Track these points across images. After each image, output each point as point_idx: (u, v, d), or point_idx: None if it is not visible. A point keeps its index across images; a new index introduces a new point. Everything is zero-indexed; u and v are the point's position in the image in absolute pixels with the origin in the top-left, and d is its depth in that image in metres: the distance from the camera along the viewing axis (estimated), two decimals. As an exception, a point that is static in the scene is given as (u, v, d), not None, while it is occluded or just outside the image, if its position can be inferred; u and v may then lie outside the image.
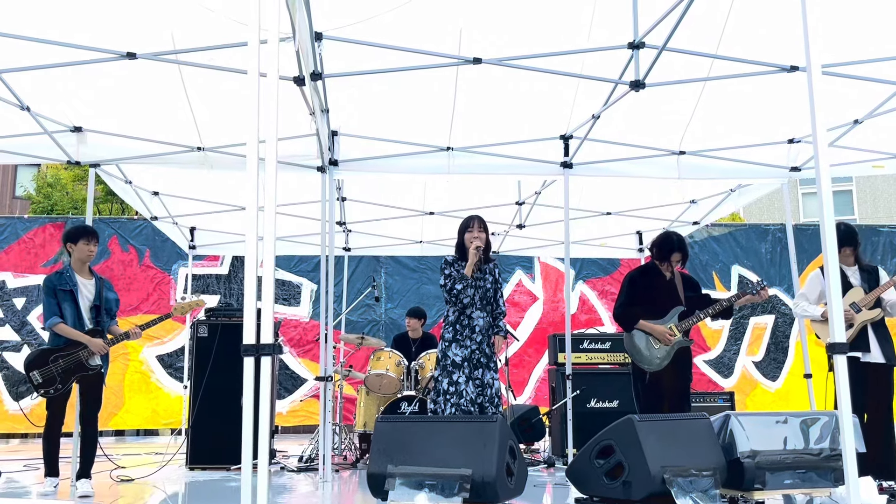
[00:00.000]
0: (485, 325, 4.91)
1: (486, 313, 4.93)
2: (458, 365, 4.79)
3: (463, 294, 4.84)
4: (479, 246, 4.86)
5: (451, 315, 4.93)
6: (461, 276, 4.85)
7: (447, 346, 4.88)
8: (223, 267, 10.58)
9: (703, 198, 7.95)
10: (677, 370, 5.08)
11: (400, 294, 10.76)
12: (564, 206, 6.29)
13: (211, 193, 7.47)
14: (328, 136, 5.70)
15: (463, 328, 4.88)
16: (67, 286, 4.98)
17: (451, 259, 5.01)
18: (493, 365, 4.89)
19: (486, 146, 6.13)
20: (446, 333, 4.93)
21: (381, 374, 6.81)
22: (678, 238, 5.22)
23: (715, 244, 11.24)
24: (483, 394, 4.78)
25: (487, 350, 4.88)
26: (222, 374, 6.14)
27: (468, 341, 4.84)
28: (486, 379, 4.82)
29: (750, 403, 10.73)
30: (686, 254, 5.18)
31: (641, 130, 6.02)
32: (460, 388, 4.73)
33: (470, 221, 5.00)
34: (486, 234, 4.98)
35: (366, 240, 8.88)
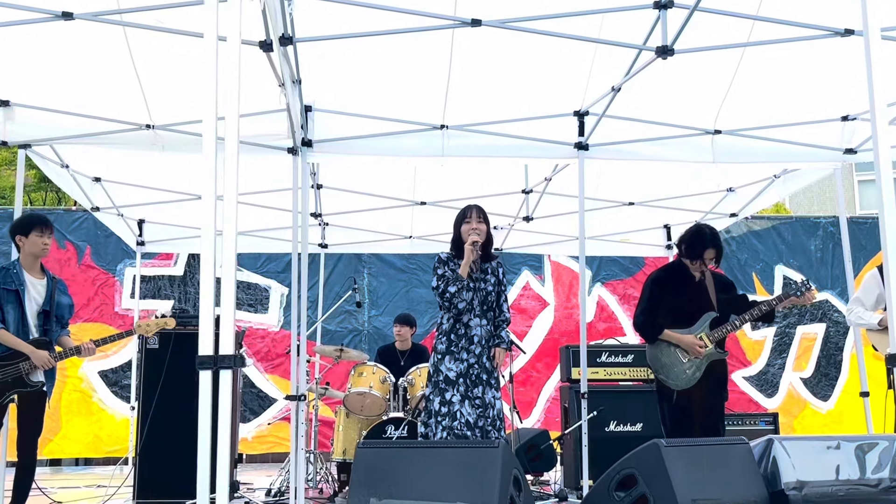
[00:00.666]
0: (484, 335, 4.90)
1: (486, 321, 4.93)
2: (452, 381, 4.79)
3: (457, 298, 4.83)
4: (476, 241, 4.86)
5: (446, 323, 4.92)
6: (456, 277, 4.84)
7: (440, 360, 4.87)
8: (177, 266, 10.57)
9: (743, 185, 7.95)
10: (710, 387, 5.10)
11: (386, 299, 10.76)
12: (579, 194, 6.29)
13: (162, 180, 7.45)
14: (301, 112, 5.69)
15: (459, 338, 4.87)
16: (13, 285, 4.94)
17: (446, 257, 5.00)
18: (494, 381, 4.89)
19: (487, 124, 6.12)
20: (439, 344, 4.92)
21: (364, 392, 6.80)
22: (711, 232, 5.23)
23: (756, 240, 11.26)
24: (485, 415, 4.78)
25: (488, 364, 4.88)
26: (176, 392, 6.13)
27: (465, 354, 4.84)
28: (488, 398, 4.82)
29: (797, 426, 10.77)
30: (721, 250, 5.19)
31: (669, 106, 6.02)
32: (454, 408, 4.73)
33: (467, 211, 5.00)
34: (486, 226, 4.98)
35: (345, 235, 8.86)
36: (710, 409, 5.08)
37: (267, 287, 10.68)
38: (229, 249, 2.69)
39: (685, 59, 5.16)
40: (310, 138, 5.92)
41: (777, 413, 7.95)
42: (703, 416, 5.06)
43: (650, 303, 5.25)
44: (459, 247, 4.99)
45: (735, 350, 10.64)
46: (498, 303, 5.03)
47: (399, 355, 7.84)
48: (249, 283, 10.63)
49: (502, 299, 5.06)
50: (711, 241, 5.16)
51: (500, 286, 5.06)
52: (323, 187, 7.71)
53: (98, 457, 10.25)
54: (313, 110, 5.89)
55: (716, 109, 6.07)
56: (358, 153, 6.14)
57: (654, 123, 6.17)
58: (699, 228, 5.27)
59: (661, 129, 6.22)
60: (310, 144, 5.92)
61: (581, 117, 6.12)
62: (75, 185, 7.24)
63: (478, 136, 6.18)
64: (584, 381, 6.19)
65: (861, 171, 25.28)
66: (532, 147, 6.27)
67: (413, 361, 7.51)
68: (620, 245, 9.32)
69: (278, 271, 10.67)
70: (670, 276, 5.32)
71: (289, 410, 8.20)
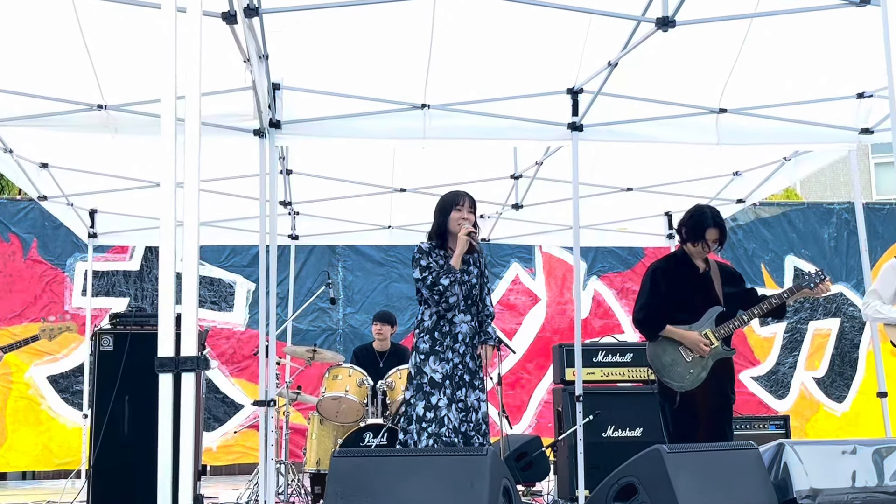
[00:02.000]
0: (470, 332, 4.93)
1: (470, 316, 4.95)
2: (438, 384, 4.81)
3: (451, 292, 4.85)
4: (472, 231, 4.88)
5: (428, 319, 4.94)
6: (449, 269, 4.86)
7: (423, 361, 4.88)
8: (133, 261, 10.51)
9: (750, 169, 8.00)
10: (716, 388, 5.12)
11: (362, 294, 10.74)
12: (573, 180, 6.31)
13: (116, 166, 7.41)
14: (268, 91, 5.67)
15: (444, 336, 4.89)
16: None
17: (429, 246, 5.02)
18: (478, 383, 4.91)
19: (472, 103, 6.12)
20: (422, 343, 4.92)
21: (339, 396, 6.81)
22: (713, 212, 5.25)
23: (765, 229, 11.32)
24: (467, 419, 4.80)
25: (471, 364, 4.91)
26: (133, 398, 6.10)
27: (450, 353, 4.86)
28: (471, 401, 4.84)
29: (810, 430, 10.85)
30: (724, 232, 5.22)
31: (670, 83, 6.03)
32: (441, 413, 4.74)
33: (458, 198, 5.01)
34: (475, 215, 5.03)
35: (318, 225, 8.85)
36: (717, 412, 5.11)
37: (232, 283, 10.64)
38: (191, 241, 2.68)
39: (687, 32, 5.17)
40: (278, 119, 5.90)
41: (788, 416, 8.01)
42: (708, 420, 5.08)
43: (650, 296, 5.27)
44: (443, 236, 5.00)
45: (742, 348, 10.69)
46: (481, 296, 5.05)
47: (378, 356, 7.83)
48: (213, 278, 10.58)
49: (485, 292, 5.09)
50: (713, 220, 5.18)
51: (483, 278, 5.08)
52: (293, 173, 7.70)
53: (47, 470, 10.20)
54: (282, 88, 5.87)
55: (721, 87, 6.09)
56: (331, 135, 6.13)
57: (653, 102, 6.18)
58: (699, 208, 5.29)
59: (661, 109, 6.24)
60: (278, 126, 5.91)
61: (574, 95, 6.12)
62: (20, 171, 7.19)
63: (462, 116, 6.17)
64: (579, 382, 6.21)
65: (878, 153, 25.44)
66: (521, 128, 6.27)
67: (393, 363, 7.51)
68: (618, 235, 9.34)
69: (244, 265, 10.63)
70: (672, 266, 5.33)
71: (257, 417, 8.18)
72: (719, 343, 5.11)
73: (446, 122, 6.17)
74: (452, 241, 5.00)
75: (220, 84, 5.53)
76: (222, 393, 10.35)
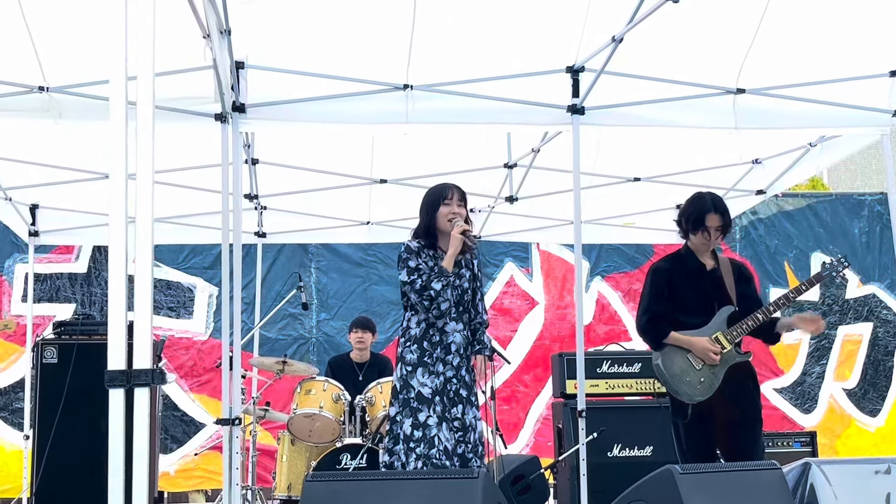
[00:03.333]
0: (463, 342, 4.94)
1: (462, 324, 4.97)
2: (428, 400, 4.81)
3: (442, 297, 4.85)
4: (467, 230, 4.91)
5: (416, 327, 4.94)
6: (440, 271, 4.86)
7: (410, 373, 4.88)
8: (80, 262, 10.47)
9: (771, 156, 8.01)
10: (732, 398, 5.13)
11: (338, 299, 10.73)
12: (573, 169, 6.30)
13: (60, 155, 7.37)
14: (231, 70, 5.65)
15: (434, 346, 4.90)
16: None
17: (417, 245, 5.02)
18: (475, 399, 4.92)
19: (460, 83, 6.10)
20: (408, 353, 4.92)
21: (313, 413, 6.81)
22: (713, 196, 5.31)
23: (788, 223, 11.34)
24: (465, 440, 4.82)
25: (468, 378, 4.92)
26: (80, 416, 6.09)
27: (441, 365, 4.87)
28: (469, 419, 4.85)
29: (840, 448, 10.88)
30: (727, 218, 5.25)
31: (682, 60, 6.03)
32: (431, 433, 4.75)
33: (446, 191, 5.02)
34: (466, 210, 5.05)
35: (288, 220, 8.84)
36: (737, 425, 5.10)
37: (191, 286, 10.61)
38: (144, 240, 2.67)
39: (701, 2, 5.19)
40: (242, 102, 5.87)
41: (815, 432, 8.04)
42: (727, 434, 5.09)
43: (651, 300, 5.31)
44: (431, 234, 5.00)
45: (763, 356, 10.68)
46: (473, 302, 5.07)
47: (356, 368, 7.83)
48: (169, 281, 10.55)
49: (478, 298, 5.10)
50: (713, 205, 5.23)
51: (477, 282, 5.10)
52: (259, 162, 7.66)
53: (-16, 498, 10.18)
54: (246, 67, 5.83)
55: (738, 64, 6.09)
56: (302, 120, 6.11)
57: (663, 81, 6.17)
58: (697, 194, 5.35)
59: (672, 89, 6.24)
60: (242, 109, 5.88)
61: (575, 74, 6.11)
62: (-49, 162, 7.17)
63: (449, 98, 6.16)
64: (582, 395, 6.19)
65: (914, 137, 25.55)
66: (516, 111, 6.25)
67: (373, 375, 7.51)
68: (624, 230, 9.35)
69: (205, 267, 10.60)
70: (676, 265, 5.37)
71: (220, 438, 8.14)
72: (732, 347, 5.13)
73: (431, 105, 6.14)
74: (443, 239, 5.01)
75: (177, 63, 5.48)
76: (181, 410, 10.32)
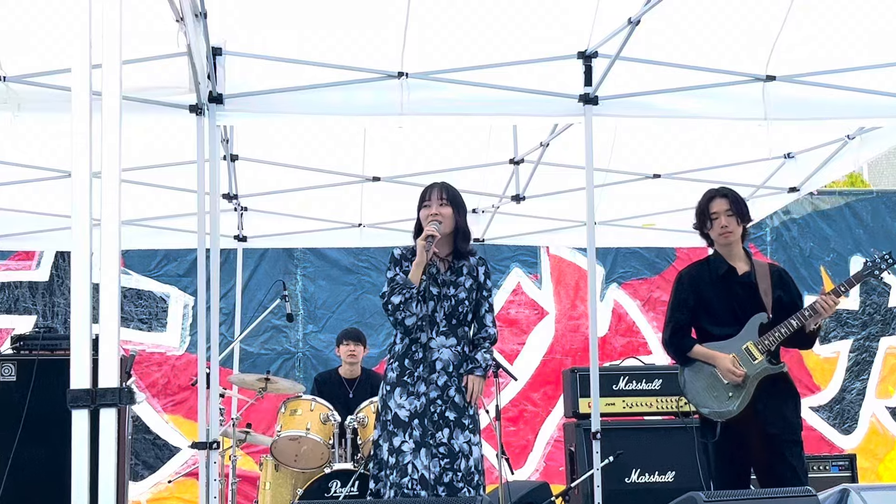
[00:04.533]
0: (452, 360, 4.95)
1: (455, 339, 4.97)
2: (403, 423, 4.85)
3: (403, 311, 4.88)
4: (431, 235, 4.88)
5: (399, 343, 5.01)
6: (405, 283, 4.89)
7: (388, 393, 4.95)
8: (41, 270, 10.46)
9: (805, 150, 8.01)
10: (767, 415, 5.13)
11: (327, 309, 10.71)
12: (586, 165, 6.30)
13: (18, 152, 7.37)
14: (207, 57, 5.65)
15: (415, 364, 4.93)
16: None
17: (400, 253, 5.08)
18: (469, 422, 4.93)
19: (461, 70, 6.12)
20: (390, 371, 5.01)
21: (299, 436, 6.80)
22: (719, 188, 5.39)
23: (824, 223, 11.33)
24: (453, 467, 4.82)
25: (458, 399, 4.93)
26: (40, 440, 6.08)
27: (422, 386, 4.89)
28: (457, 444, 4.86)
29: (883, 472, 10.85)
30: (737, 203, 5.27)
31: (705, 44, 6.04)
32: (404, 459, 4.79)
33: (426, 192, 5.06)
34: (453, 209, 5.02)
35: (271, 223, 8.86)
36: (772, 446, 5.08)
37: (164, 296, 10.60)
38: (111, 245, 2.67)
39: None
40: (220, 92, 5.89)
41: (855, 455, 8.00)
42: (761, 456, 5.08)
43: (676, 310, 5.34)
44: (421, 237, 5.01)
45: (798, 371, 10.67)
46: (478, 314, 5.07)
47: (346, 385, 7.83)
48: (140, 290, 10.54)
49: (484, 309, 5.10)
50: (716, 190, 5.33)
51: (482, 291, 5.09)
52: (239, 159, 7.66)
53: (-65, 531, 10.17)
54: (224, 54, 5.84)
55: (768, 48, 6.09)
56: (286, 111, 6.12)
57: (685, 68, 6.18)
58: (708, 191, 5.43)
59: (694, 76, 6.25)
60: (220, 100, 5.89)
61: (588, 60, 6.11)
62: None
63: (448, 87, 6.17)
64: (596, 415, 6.18)
65: (964, 128, 25.50)
66: (522, 101, 6.27)
67: (365, 393, 7.52)
68: (643, 232, 9.36)
69: (179, 274, 10.59)
70: (703, 271, 5.39)
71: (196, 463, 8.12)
72: (763, 357, 5.12)
73: (429, 95, 6.16)
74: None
75: (147, 49, 5.49)
76: (153, 433, 10.30)
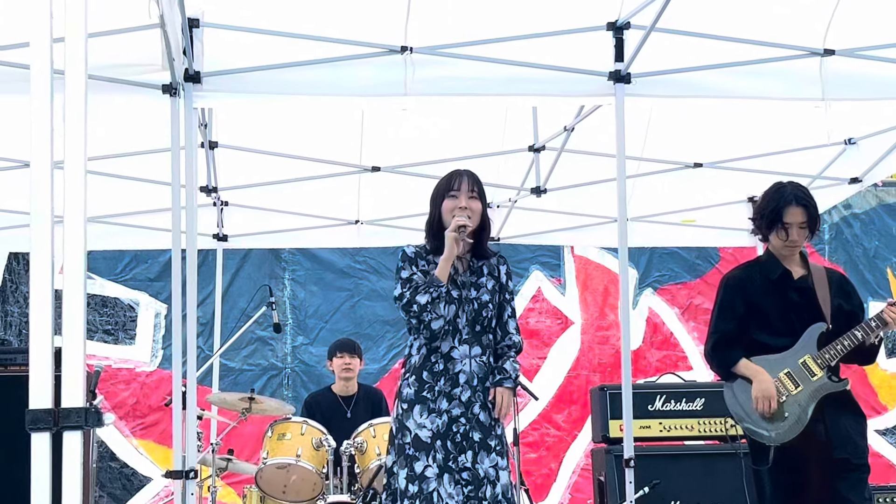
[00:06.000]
0: (477, 371, 4.92)
1: (479, 349, 4.94)
2: (426, 445, 4.81)
3: (431, 313, 4.83)
4: (464, 225, 4.85)
5: (416, 354, 4.95)
6: (431, 281, 4.86)
7: (405, 412, 4.89)
8: (-7, 273, 10.51)
9: (869, 135, 8.03)
10: (829, 438, 5.13)
11: (319, 318, 10.75)
12: (617, 153, 6.32)
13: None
14: (183, 30, 5.65)
15: (435, 378, 4.89)
16: None
17: (414, 251, 5.03)
18: (495, 444, 4.91)
19: (473, 44, 6.13)
20: (405, 387, 4.94)
21: (288, 464, 6.83)
22: (794, 186, 5.31)
23: (891, 218, 11.33)
24: (477, 495, 4.79)
25: (483, 416, 4.90)
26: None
27: (444, 402, 4.86)
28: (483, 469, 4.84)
29: (958, 504, 10.87)
30: (813, 212, 5.23)
31: (753, 14, 6.07)
32: (429, 487, 4.76)
33: (453, 180, 5.02)
34: (481, 204, 4.99)
35: (256, 220, 8.92)
36: (835, 473, 5.06)
37: (133, 303, 10.63)
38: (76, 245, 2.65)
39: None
40: (197, 70, 5.91)
41: (926, 484, 8.01)
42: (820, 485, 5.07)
43: (721, 319, 5.36)
44: (438, 235, 4.97)
45: (861, 389, 10.65)
46: (501, 320, 5.06)
47: (342, 404, 7.82)
48: (106, 297, 10.58)
49: (507, 314, 5.09)
50: (794, 196, 5.22)
51: (504, 293, 5.08)
52: (219, 146, 7.72)
53: None
54: (202, 26, 5.86)
55: (826, 19, 6.10)
56: (272, 92, 6.15)
57: (730, 41, 6.20)
58: (777, 184, 5.36)
59: (741, 50, 6.26)
60: (197, 79, 5.91)
61: (619, 32, 6.13)
62: None
63: (459, 63, 6.19)
64: (629, 440, 6.22)
65: None
66: (543, 80, 6.29)
67: (364, 414, 7.53)
68: (682, 230, 9.42)
69: (150, 278, 10.63)
70: (754, 274, 5.41)
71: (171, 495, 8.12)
72: (823, 372, 5.13)
73: (436, 73, 6.18)
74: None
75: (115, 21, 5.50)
76: (120, 461, 10.35)
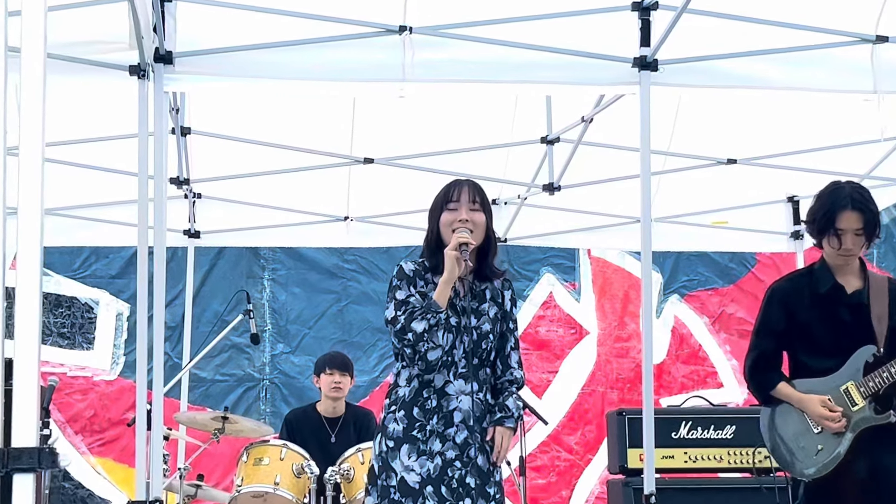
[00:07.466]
0: (476, 411, 4.90)
1: (477, 384, 4.91)
2: (413, 491, 4.81)
3: (427, 342, 4.83)
4: (465, 243, 4.85)
5: (404, 386, 4.95)
6: (429, 306, 4.86)
7: (391, 451, 4.88)
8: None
9: (924, 132, 8.03)
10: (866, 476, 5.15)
11: (302, 324, 10.75)
12: (641, 147, 6.34)
13: None
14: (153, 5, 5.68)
15: (427, 415, 4.90)
16: None
17: (412, 269, 5.03)
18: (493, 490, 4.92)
19: (479, 25, 6.16)
20: (391, 422, 4.92)
21: (265, 492, 6.85)
22: (852, 188, 5.31)
23: (948, 226, 11.37)
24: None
25: (481, 460, 4.90)
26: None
27: (437, 443, 4.86)
28: (481, 514, 4.87)
29: None
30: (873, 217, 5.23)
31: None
32: None
33: (451, 190, 5.00)
34: (486, 215, 4.99)
35: (232, 214, 8.97)
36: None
37: (91, 302, 10.62)
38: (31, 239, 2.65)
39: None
40: (169, 49, 5.92)
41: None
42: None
43: (761, 336, 5.38)
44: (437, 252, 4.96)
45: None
46: (503, 352, 5.06)
47: (326, 426, 7.82)
48: (61, 296, 10.57)
49: (510, 345, 5.07)
50: (851, 199, 5.21)
51: (507, 322, 5.07)
52: (192, 133, 7.74)
53: None
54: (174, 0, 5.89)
55: (879, 2, 6.12)
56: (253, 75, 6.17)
57: (769, 24, 6.22)
58: (833, 184, 5.36)
59: (782, 35, 6.28)
60: (168, 60, 5.93)
61: (645, 13, 6.13)
62: None
63: (463, 45, 6.22)
64: (651, 471, 6.22)
65: None
66: (559, 65, 6.31)
67: (350, 437, 7.57)
68: (713, 232, 9.44)
69: (112, 275, 10.63)
70: (801, 287, 5.41)
71: (133, 523, 8.14)
72: (866, 402, 5.13)
73: (438, 55, 6.20)
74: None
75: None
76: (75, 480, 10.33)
